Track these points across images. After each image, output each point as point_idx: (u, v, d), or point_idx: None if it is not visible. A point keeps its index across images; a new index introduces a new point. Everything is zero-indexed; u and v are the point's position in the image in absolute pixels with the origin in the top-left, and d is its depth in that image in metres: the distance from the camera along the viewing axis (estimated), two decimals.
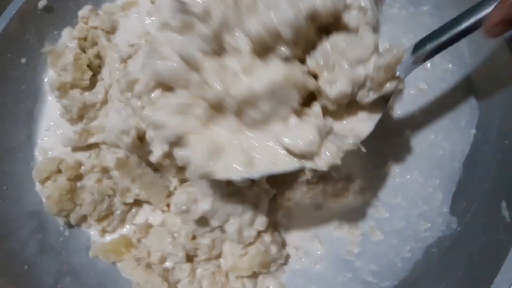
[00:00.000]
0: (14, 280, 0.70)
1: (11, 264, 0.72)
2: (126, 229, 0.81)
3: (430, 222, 0.75)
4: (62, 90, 0.83)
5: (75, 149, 0.82)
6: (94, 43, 0.87)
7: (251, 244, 0.75)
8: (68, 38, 0.87)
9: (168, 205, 0.80)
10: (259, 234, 0.74)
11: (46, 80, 0.87)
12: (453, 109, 0.80)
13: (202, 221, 0.74)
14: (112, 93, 0.83)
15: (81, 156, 0.82)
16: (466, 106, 0.78)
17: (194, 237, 0.76)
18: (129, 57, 0.83)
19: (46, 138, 0.86)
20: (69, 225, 0.80)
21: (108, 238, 0.80)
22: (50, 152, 0.84)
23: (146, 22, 0.89)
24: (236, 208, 0.72)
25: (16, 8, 0.82)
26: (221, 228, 0.74)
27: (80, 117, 0.83)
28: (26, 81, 0.85)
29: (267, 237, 0.75)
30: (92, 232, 0.81)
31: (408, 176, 0.80)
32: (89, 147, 0.83)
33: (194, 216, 0.73)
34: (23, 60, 0.84)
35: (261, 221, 0.74)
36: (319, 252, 0.78)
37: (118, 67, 0.82)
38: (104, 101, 0.84)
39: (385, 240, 0.77)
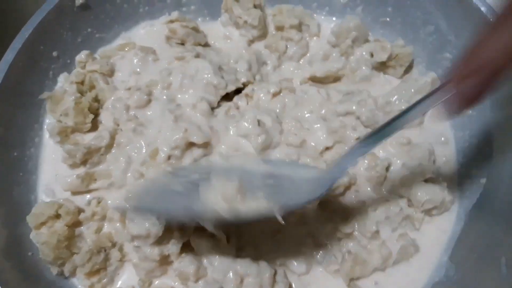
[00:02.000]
0: (17, 265, 0.71)
1: (18, 249, 0.73)
2: None
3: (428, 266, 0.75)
4: (63, 135, 0.82)
5: (75, 193, 0.80)
6: (92, 87, 0.86)
7: None
8: (65, 83, 0.86)
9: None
10: None
11: (45, 126, 0.85)
12: (466, 155, 0.80)
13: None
14: (121, 139, 0.81)
15: (80, 201, 0.78)
16: (480, 154, 0.78)
17: None
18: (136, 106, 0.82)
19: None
20: (62, 275, 0.74)
21: None
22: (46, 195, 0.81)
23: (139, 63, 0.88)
24: (250, 267, 0.68)
25: (55, 2, 0.85)
26: None
27: (84, 162, 0.81)
28: (54, 75, 0.88)
29: None
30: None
31: None
32: (89, 191, 0.80)
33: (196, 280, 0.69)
34: (54, 54, 0.87)
35: (283, 283, 0.69)
36: None
37: (126, 117, 0.81)
38: (109, 146, 0.81)
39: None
